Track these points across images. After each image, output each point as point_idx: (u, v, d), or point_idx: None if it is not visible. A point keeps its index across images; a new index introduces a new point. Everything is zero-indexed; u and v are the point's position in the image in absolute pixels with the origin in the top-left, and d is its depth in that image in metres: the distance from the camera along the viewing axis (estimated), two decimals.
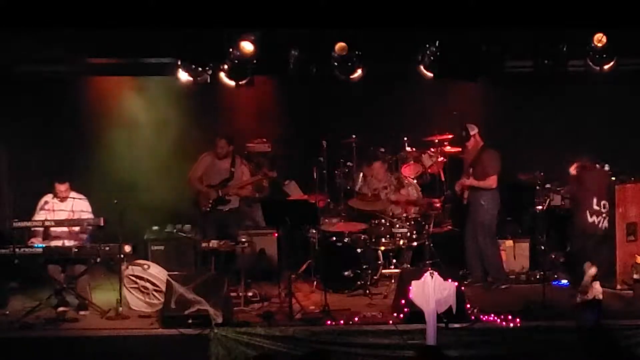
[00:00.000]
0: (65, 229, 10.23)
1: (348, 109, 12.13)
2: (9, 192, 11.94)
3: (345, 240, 11.01)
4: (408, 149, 11.92)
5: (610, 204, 10.77)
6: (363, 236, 11.04)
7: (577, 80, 11.31)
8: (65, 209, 10.30)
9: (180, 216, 11.58)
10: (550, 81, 11.23)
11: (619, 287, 10.55)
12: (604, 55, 10.61)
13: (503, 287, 10.95)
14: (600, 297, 9.54)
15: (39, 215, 10.30)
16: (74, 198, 10.33)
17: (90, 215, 10.31)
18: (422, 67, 10.94)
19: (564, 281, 11.07)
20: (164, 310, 9.55)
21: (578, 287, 9.78)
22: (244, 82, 10.98)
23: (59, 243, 10.12)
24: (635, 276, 10.11)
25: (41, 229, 10.22)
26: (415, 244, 11.09)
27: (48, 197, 10.36)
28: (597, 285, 9.69)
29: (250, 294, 10.35)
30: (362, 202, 11.30)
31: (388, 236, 11.01)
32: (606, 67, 10.72)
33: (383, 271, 11.03)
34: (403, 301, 9.44)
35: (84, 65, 11.20)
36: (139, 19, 9.90)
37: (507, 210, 11.61)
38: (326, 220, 11.23)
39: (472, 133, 11.09)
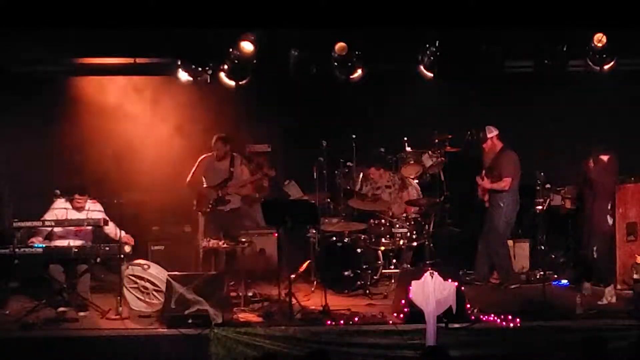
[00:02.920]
0: (70, 229, 10.17)
1: (348, 109, 12.12)
2: (9, 192, 11.92)
3: (345, 240, 11.00)
4: (408, 149, 11.92)
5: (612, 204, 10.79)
6: (363, 236, 11.04)
7: (577, 80, 11.31)
8: (80, 217, 10.18)
9: (180, 216, 11.58)
10: (550, 81, 11.23)
11: (619, 287, 10.54)
12: (604, 55, 10.63)
13: (512, 287, 10.96)
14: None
15: (49, 216, 10.21)
16: (89, 209, 10.26)
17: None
18: (422, 67, 10.95)
19: (564, 281, 11.08)
20: (164, 310, 9.54)
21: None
22: (244, 82, 10.98)
23: (62, 243, 10.08)
24: (635, 276, 10.09)
25: (46, 229, 10.16)
26: (415, 244, 11.10)
27: (64, 204, 10.21)
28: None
29: (250, 294, 10.36)
30: (362, 202, 11.30)
31: (388, 236, 11.02)
32: (606, 67, 10.73)
33: (383, 271, 11.03)
34: (403, 301, 9.43)
35: (84, 65, 11.19)
36: (139, 19, 9.91)
37: None
38: (326, 220, 11.24)
39: (489, 135, 11.10)
